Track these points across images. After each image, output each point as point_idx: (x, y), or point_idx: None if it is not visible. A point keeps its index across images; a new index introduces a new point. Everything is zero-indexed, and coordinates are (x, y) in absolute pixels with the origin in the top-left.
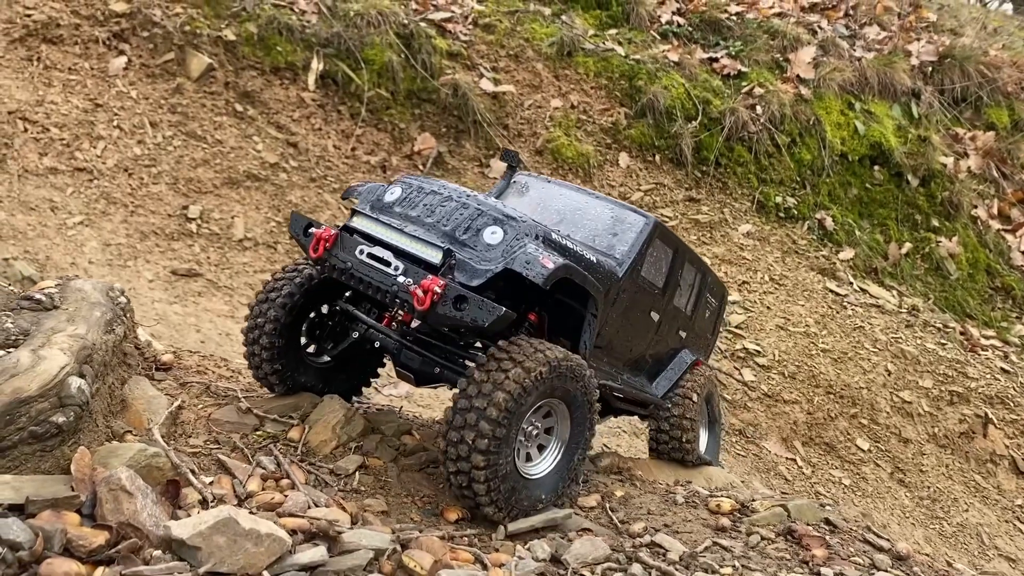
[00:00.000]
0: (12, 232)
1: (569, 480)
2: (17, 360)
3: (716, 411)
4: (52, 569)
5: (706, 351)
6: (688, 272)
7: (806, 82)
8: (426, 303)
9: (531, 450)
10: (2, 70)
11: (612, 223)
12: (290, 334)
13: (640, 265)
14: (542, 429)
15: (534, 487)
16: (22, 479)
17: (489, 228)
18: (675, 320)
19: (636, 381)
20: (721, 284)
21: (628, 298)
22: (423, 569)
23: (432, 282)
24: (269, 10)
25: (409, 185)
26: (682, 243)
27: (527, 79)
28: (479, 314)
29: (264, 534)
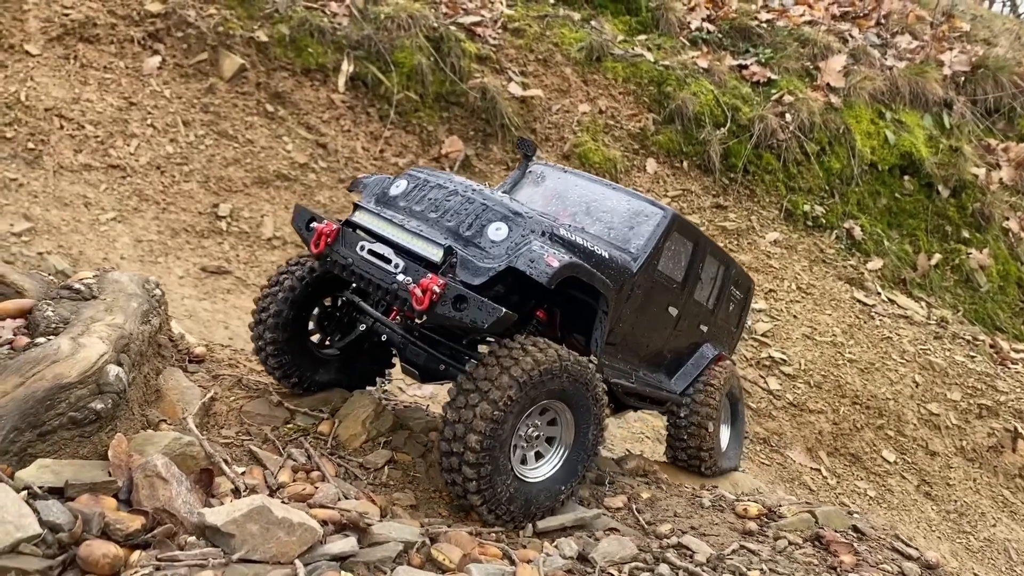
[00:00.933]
0: (47, 227)
1: (571, 486)
2: (58, 347)
3: (740, 408)
4: (91, 551)
5: (731, 344)
6: (710, 265)
7: (836, 90)
8: (425, 303)
9: (530, 453)
10: (40, 68)
11: (629, 216)
12: (295, 326)
13: (657, 259)
14: (543, 433)
15: (532, 491)
16: (61, 463)
17: (494, 224)
18: (695, 314)
19: (653, 377)
20: (747, 276)
21: (643, 293)
22: (452, 562)
23: (431, 281)
24: (301, 12)
25: (415, 178)
26: (703, 236)
27: (555, 83)
28: (478, 315)
29: (296, 523)
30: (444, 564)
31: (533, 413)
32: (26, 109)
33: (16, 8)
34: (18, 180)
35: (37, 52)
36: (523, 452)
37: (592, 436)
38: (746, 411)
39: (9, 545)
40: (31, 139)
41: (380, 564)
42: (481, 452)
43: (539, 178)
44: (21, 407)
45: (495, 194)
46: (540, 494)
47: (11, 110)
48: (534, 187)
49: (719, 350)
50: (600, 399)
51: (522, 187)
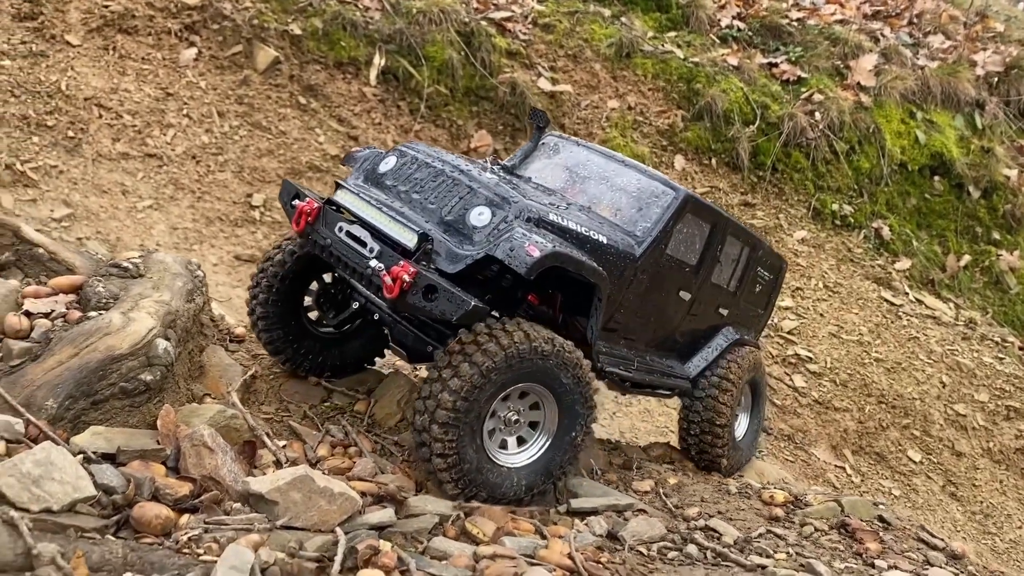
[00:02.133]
0: (86, 213)
1: (552, 476)
2: (109, 321)
3: (761, 396)
4: (144, 512)
5: (758, 327)
6: (731, 246)
7: (867, 90)
8: (395, 291)
9: (511, 438)
10: (80, 58)
11: (638, 196)
12: (287, 302)
13: (665, 242)
14: (524, 418)
15: (506, 476)
16: (113, 431)
17: (476, 209)
18: (713, 298)
19: (662, 362)
20: (777, 256)
21: (649, 278)
22: (485, 535)
23: (402, 269)
24: (334, 6)
25: (404, 155)
26: (722, 216)
27: (585, 79)
28: (448, 307)
29: (337, 493)
30: (478, 536)
31: (511, 396)
32: (66, 98)
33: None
34: (58, 167)
35: (78, 43)
36: (502, 436)
37: (579, 420)
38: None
39: (67, 504)
40: (71, 128)
41: (416, 535)
42: (447, 432)
43: (552, 151)
44: (76, 376)
45: (484, 175)
46: (520, 478)
47: (52, 99)
48: (546, 160)
49: (742, 333)
50: (584, 383)
51: (534, 160)
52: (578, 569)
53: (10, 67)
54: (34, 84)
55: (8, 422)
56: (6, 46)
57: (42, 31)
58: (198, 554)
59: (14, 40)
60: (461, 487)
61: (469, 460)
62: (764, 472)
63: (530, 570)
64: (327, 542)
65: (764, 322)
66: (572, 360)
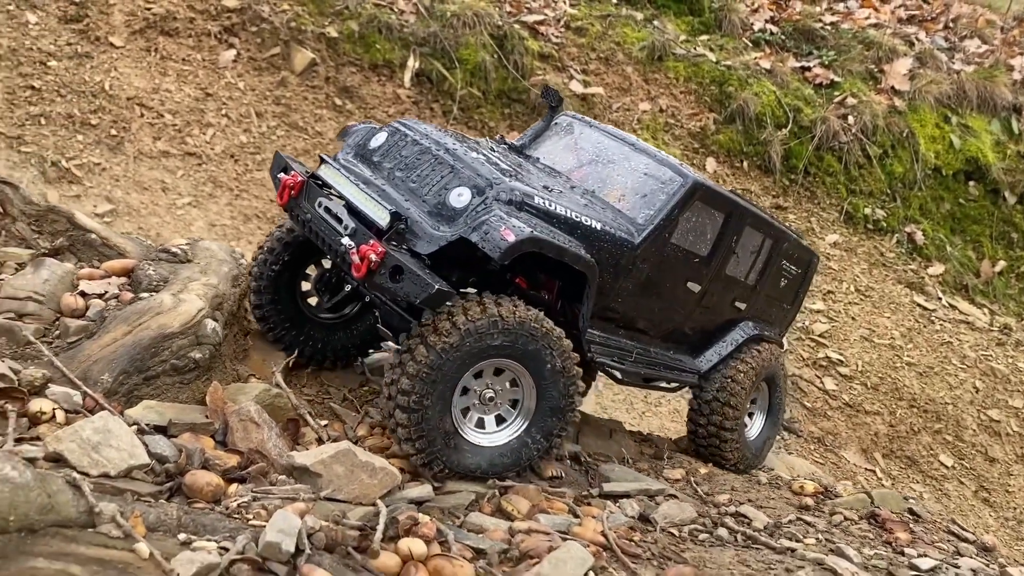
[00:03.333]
0: (127, 209)
1: (534, 453)
2: (161, 301)
3: (779, 395)
4: (196, 479)
5: (783, 323)
6: (750, 238)
7: (901, 94)
8: (362, 270)
9: (487, 416)
10: (123, 59)
11: (644, 181)
12: (282, 285)
13: (670, 231)
14: (502, 396)
15: (482, 454)
16: (164, 405)
17: (456, 190)
18: (728, 291)
19: (668, 355)
20: (806, 249)
21: (651, 267)
22: (520, 512)
23: (370, 248)
24: (370, 9)
25: (396, 132)
26: (740, 205)
27: (616, 82)
28: (412, 289)
29: (378, 467)
30: (513, 513)
31: (485, 373)
32: (110, 98)
33: (103, 3)
34: (101, 164)
35: (121, 44)
36: (479, 415)
37: (561, 396)
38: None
39: (124, 470)
40: (114, 126)
41: (453, 510)
42: (410, 416)
43: (563, 131)
44: (129, 352)
45: (470, 155)
46: (498, 456)
47: (96, 98)
48: (556, 140)
49: (763, 329)
50: (562, 362)
51: (545, 140)
52: (611, 546)
53: (56, 68)
54: (79, 84)
55: (67, 393)
56: (53, 47)
57: (87, 33)
58: (247, 519)
59: (60, 41)
60: (435, 468)
61: (437, 442)
62: (794, 467)
63: (564, 544)
64: (368, 513)
65: (791, 318)
66: (542, 332)
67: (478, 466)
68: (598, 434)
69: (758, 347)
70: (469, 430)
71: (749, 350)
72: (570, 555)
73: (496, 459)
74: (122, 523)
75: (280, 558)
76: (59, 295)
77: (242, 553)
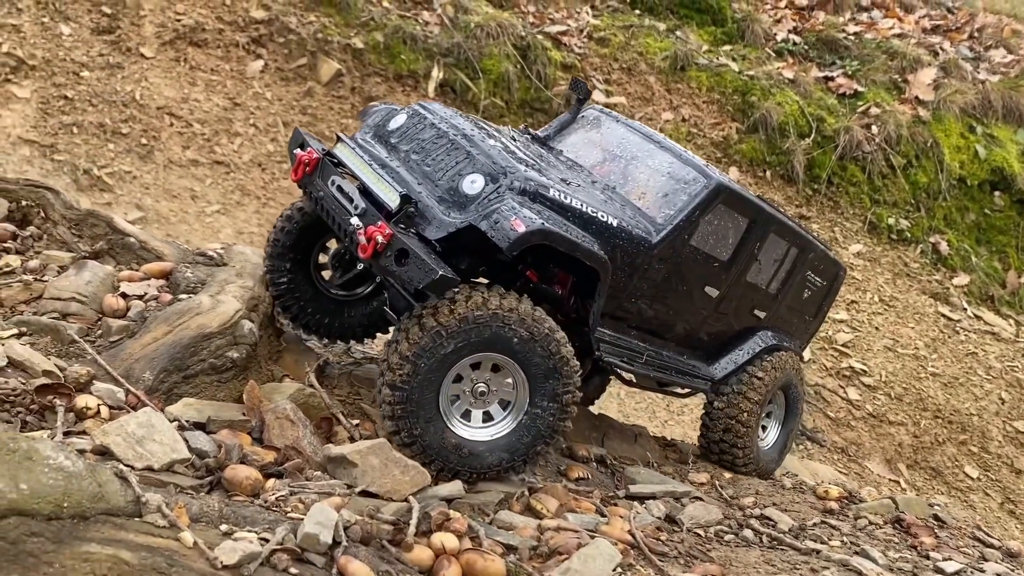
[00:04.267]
0: (157, 216)
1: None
2: (200, 302)
3: (795, 405)
4: (236, 473)
5: (804, 335)
6: (774, 246)
7: (925, 104)
8: (368, 251)
9: (477, 411)
10: (153, 69)
11: (666, 180)
12: (297, 252)
13: (689, 232)
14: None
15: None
16: (203, 403)
17: (469, 176)
18: (748, 298)
19: (681, 360)
20: (833, 262)
21: (668, 268)
22: (548, 511)
23: (377, 230)
24: (395, 20)
25: (415, 114)
26: (764, 211)
27: (639, 92)
28: (416, 274)
29: (410, 465)
30: (541, 512)
31: (482, 366)
32: (140, 107)
33: (134, 14)
34: (132, 173)
35: (151, 55)
36: (468, 407)
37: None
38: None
39: (166, 464)
40: (144, 135)
41: (484, 507)
42: (394, 394)
43: (589, 125)
44: (170, 351)
45: (487, 143)
46: (483, 452)
47: (127, 108)
48: (581, 134)
49: (781, 339)
50: (557, 358)
51: (570, 132)
52: (638, 544)
53: (89, 78)
54: (111, 94)
55: (111, 390)
56: (86, 58)
57: (119, 44)
58: (286, 511)
59: (93, 52)
60: (414, 452)
61: (419, 426)
62: (818, 473)
63: (593, 541)
64: (401, 508)
65: (813, 330)
66: (541, 332)
67: (457, 458)
68: (623, 438)
69: (775, 357)
70: (456, 420)
71: (766, 360)
72: (599, 552)
73: (477, 454)
74: (167, 513)
75: (318, 549)
76: (101, 296)
77: (282, 544)
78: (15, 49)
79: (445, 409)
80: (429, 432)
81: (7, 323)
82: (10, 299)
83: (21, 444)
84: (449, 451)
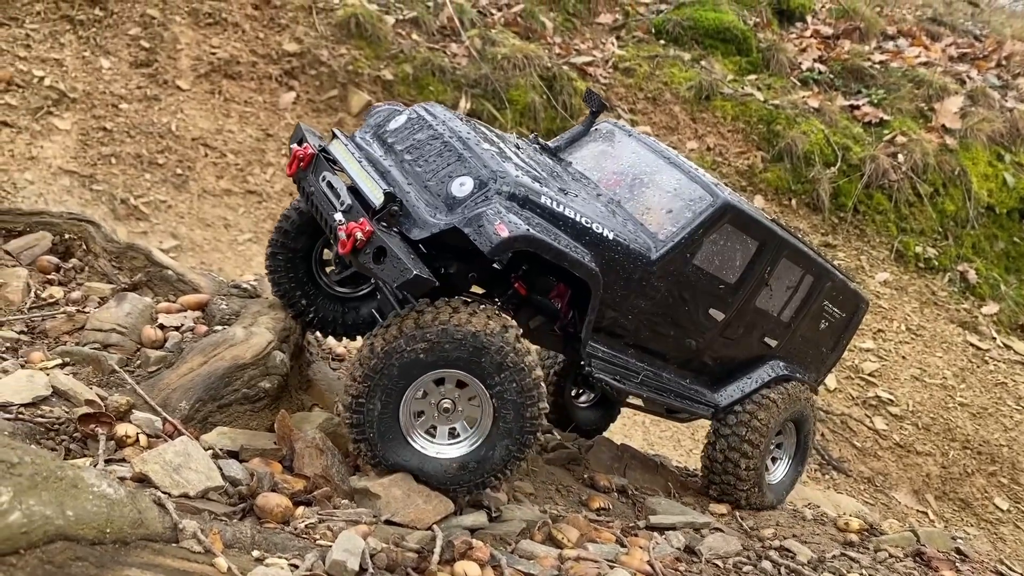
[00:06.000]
0: (191, 244)
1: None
2: (234, 334)
3: (807, 440)
4: (267, 501)
5: (819, 368)
6: (786, 272)
7: (952, 132)
8: (348, 247)
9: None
10: (189, 101)
11: (672, 197)
12: (299, 246)
13: (691, 251)
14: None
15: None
16: (236, 432)
17: (459, 179)
18: (757, 324)
19: (683, 384)
20: (854, 293)
21: (668, 287)
22: (569, 541)
23: (358, 226)
24: (424, 52)
25: (415, 115)
26: (775, 235)
27: (664, 121)
28: (391, 273)
29: (432, 494)
30: (562, 541)
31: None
32: (176, 138)
33: (171, 48)
34: (167, 202)
35: (187, 87)
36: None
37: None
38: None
39: (201, 491)
40: (179, 165)
41: (506, 537)
42: (352, 404)
43: (603, 138)
44: (205, 382)
45: (481, 146)
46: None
47: (163, 139)
48: (594, 146)
49: (794, 370)
50: (523, 383)
51: (582, 145)
52: (656, 574)
53: (127, 110)
54: (147, 125)
55: (149, 419)
56: (124, 91)
57: (156, 77)
58: (315, 539)
59: (131, 85)
60: (373, 463)
61: (375, 439)
62: (840, 504)
63: (612, 571)
64: (425, 537)
65: (830, 364)
66: (506, 353)
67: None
68: (645, 468)
69: (785, 388)
70: (419, 436)
71: (775, 389)
72: None
73: (441, 470)
74: (202, 539)
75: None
76: (140, 327)
77: (311, 570)
78: (57, 82)
79: (407, 425)
80: (390, 450)
81: (52, 353)
82: (55, 330)
83: (68, 472)
84: (411, 468)
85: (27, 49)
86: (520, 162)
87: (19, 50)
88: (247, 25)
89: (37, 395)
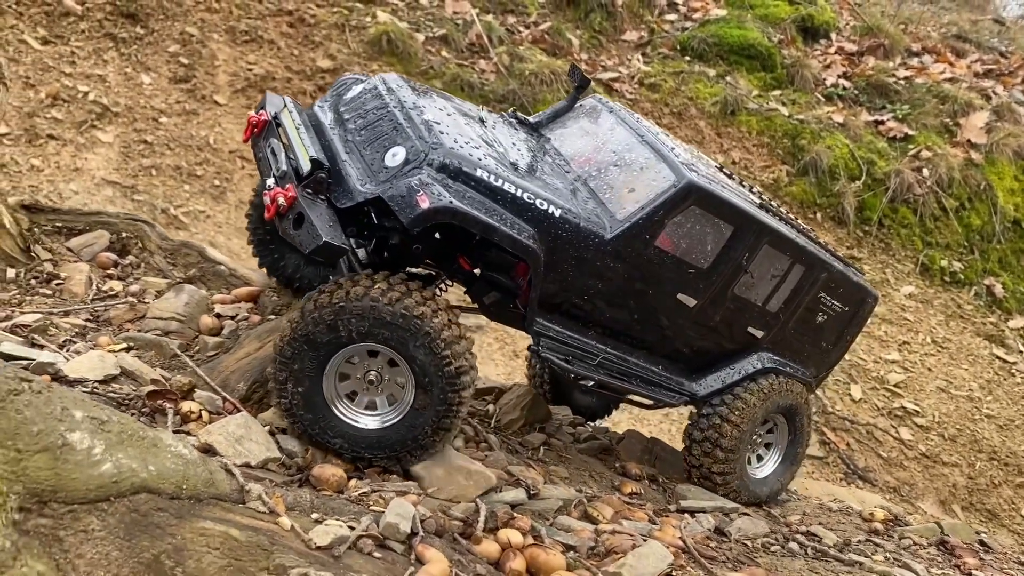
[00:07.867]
0: (228, 253)
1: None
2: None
3: (800, 436)
4: (323, 471)
5: (818, 363)
6: (770, 259)
7: (977, 147)
8: (271, 212)
9: (380, 398)
10: (226, 116)
11: (637, 175)
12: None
13: (651, 232)
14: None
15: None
16: None
17: (392, 149)
18: (739, 313)
19: (655, 370)
20: (859, 286)
21: (627, 268)
22: (604, 518)
23: (282, 192)
24: (454, 68)
25: (372, 85)
26: (754, 220)
27: (689, 135)
28: (305, 239)
29: (473, 471)
30: (598, 518)
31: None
32: (214, 151)
33: (209, 64)
34: (206, 212)
35: (224, 102)
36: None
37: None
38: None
39: (261, 461)
40: (217, 177)
41: (544, 512)
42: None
43: (586, 115)
44: (261, 365)
45: (422, 116)
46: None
47: (202, 152)
48: (575, 124)
49: (784, 364)
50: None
51: (564, 121)
52: (688, 549)
53: (167, 124)
54: (187, 139)
55: (211, 398)
56: (164, 105)
57: (194, 92)
58: (368, 505)
59: (171, 100)
60: (300, 431)
61: (300, 406)
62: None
63: (647, 543)
64: (469, 508)
65: (832, 360)
66: (417, 328)
67: (340, 444)
68: (674, 460)
69: (771, 381)
70: (344, 405)
71: (760, 382)
72: (652, 551)
73: (364, 441)
74: (267, 500)
75: (398, 537)
76: (197, 316)
77: (366, 531)
78: (100, 97)
79: (330, 396)
80: (317, 419)
81: (117, 339)
82: (118, 318)
83: (148, 433)
84: (335, 437)
85: (72, 66)
86: (473, 135)
87: (65, 67)
88: (282, 42)
89: (108, 373)
